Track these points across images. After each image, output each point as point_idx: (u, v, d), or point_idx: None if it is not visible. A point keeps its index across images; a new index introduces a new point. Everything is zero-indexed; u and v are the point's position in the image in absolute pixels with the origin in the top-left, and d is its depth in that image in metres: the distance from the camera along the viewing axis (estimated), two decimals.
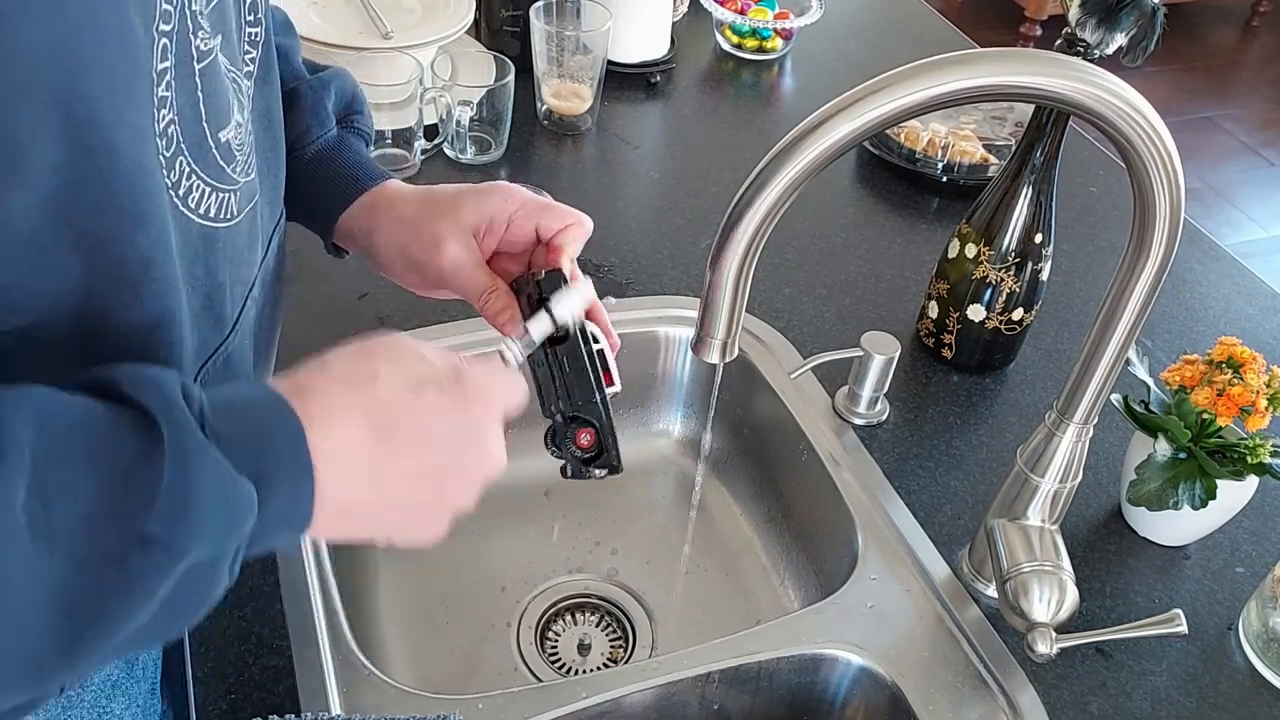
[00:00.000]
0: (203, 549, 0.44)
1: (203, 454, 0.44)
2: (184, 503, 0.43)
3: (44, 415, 0.42)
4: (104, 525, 0.41)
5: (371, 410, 0.51)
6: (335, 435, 0.49)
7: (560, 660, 0.97)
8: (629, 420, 1.12)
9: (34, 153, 0.41)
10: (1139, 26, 0.84)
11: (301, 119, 0.73)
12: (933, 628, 0.85)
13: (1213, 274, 1.22)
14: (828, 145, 0.58)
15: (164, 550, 0.43)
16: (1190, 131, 3.60)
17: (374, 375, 0.52)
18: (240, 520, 0.45)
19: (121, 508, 0.42)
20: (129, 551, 0.42)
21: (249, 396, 0.48)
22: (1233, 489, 0.86)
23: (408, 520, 0.55)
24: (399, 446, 0.51)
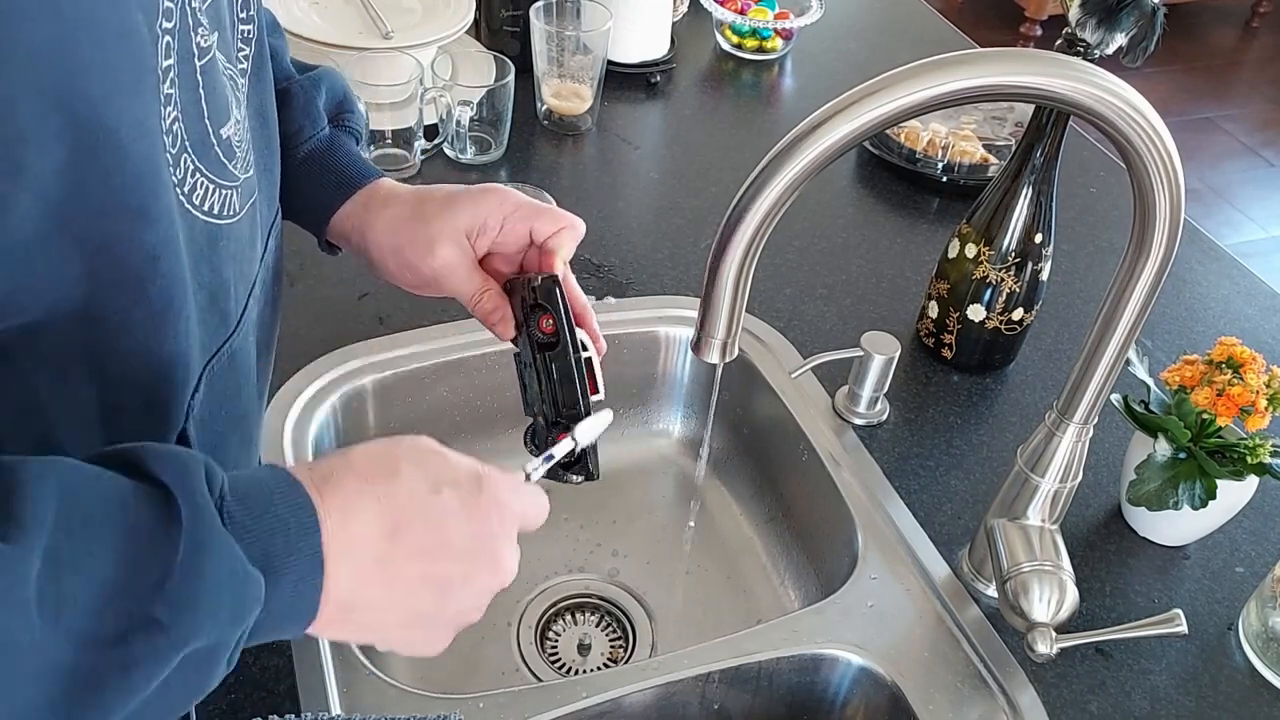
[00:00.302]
0: (205, 637, 0.44)
1: (218, 543, 0.44)
2: (192, 590, 0.43)
3: (66, 487, 0.42)
4: (112, 602, 0.41)
5: (388, 507, 0.50)
6: (349, 530, 0.49)
7: (560, 660, 0.97)
8: (629, 420, 1.12)
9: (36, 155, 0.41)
10: (1139, 26, 0.84)
11: (294, 118, 0.73)
12: (933, 628, 0.85)
13: (1213, 274, 1.22)
14: (828, 145, 0.58)
15: (166, 636, 0.42)
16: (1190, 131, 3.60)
17: (396, 472, 0.51)
18: (245, 612, 0.45)
19: (132, 586, 0.42)
20: (133, 633, 0.42)
21: (269, 484, 0.48)
22: (1233, 489, 0.86)
23: (411, 627, 0.53)
24: (410, 548, 0.51)
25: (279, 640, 0.49)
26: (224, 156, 0.54)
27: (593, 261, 1.13)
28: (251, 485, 0.47)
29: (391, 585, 0.51)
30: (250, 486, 0.47)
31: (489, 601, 0.56)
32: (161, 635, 0.42)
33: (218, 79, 0.53)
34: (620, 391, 1.11)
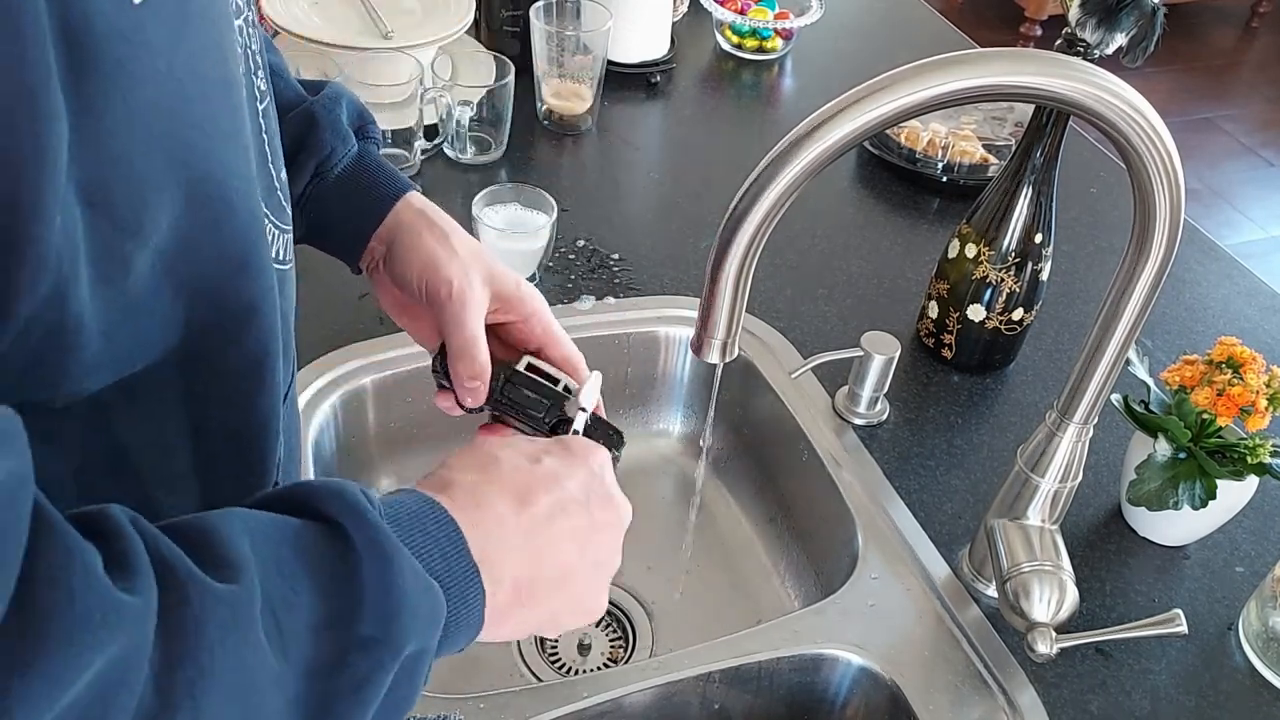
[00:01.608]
0: (414, 642, 0.45)
1: (399, 555, 0.45)
2: (392, 602, 0.44)
3: (253, 531, 0.42)
4: (326, 632, 0.42)
5: (508, 487, 0.53)
6: (485, 518, 0.51)
7: (560, 660, 0.97)
8: (629, 420, 1.12)
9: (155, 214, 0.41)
10: (1139, 26, 0.84)
11: (324, 140, 0.71)
12: (933, 628, 0.85)
13: (1213, 274, 1.22)
14: (828, 146, 0.58)
15: (383, 649, 0.44)
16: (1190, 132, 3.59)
17: (495, 460, 0.54)
18: (439, 615, 0.46)
19: (335, 614, 0.43)
20: (351, 654, 0.43)
21: (412, 506, 0.49)
22: (1233, 489, 0.86)
23: (568, 590, 0.55)
24: (540, 514, 0.53)
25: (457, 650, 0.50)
26: (284, 201, 0.55)
27: (600, 250, 1.13)
28: (398, 509, 0.48)
29: (539, 553, 0.53)
30: (397, 510, 0.48)
31: (621, 544, 0.59)
32: (378, 648, 0.44)
33: (273, 122, 0.53)
34: (620, 391, 1.11)
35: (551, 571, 0.53)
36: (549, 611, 0.54)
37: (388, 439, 1.04)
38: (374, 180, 0.72)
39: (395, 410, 1.01)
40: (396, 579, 0.44)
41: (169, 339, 0.45)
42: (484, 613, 0.49)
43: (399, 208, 0.71)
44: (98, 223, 0.38)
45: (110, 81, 0.37)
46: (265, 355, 0.51)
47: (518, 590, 0.51)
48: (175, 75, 0.40)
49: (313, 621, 0.42)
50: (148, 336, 0.44)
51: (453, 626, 0.48)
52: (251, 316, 0.49)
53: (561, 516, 0.54)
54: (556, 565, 0.53)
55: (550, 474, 0.55)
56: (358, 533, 0.44)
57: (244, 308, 0.48)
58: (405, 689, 0.46)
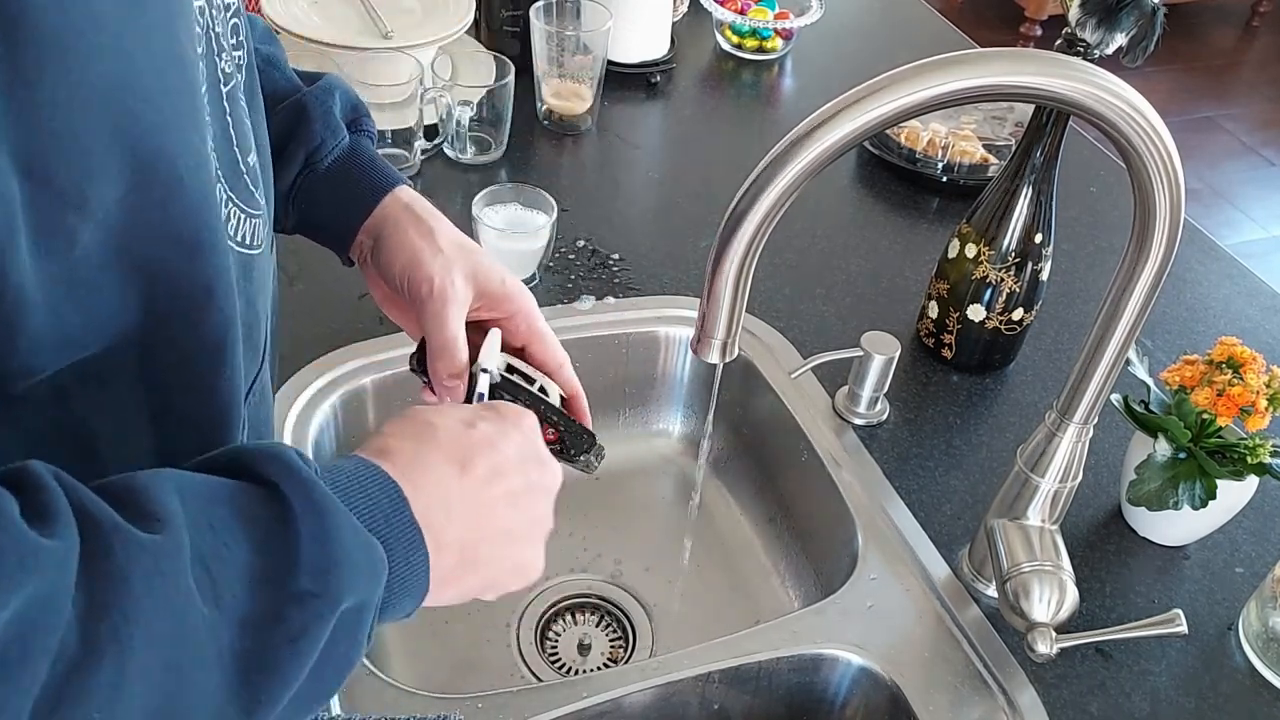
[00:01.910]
0: (353, 595, 0.45)
1: (336, 510, 0.45)
2: (329, 555, 0.44)
3: (184, 489, 0.43)
4: (261, 586, 0.42)
5: (447, 452, 0.53)
6: (426, 482, 0.51)
7: (560, 660, 0.97)
8: (629, 420, 1.12)
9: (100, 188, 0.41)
10: (1139, 26, 0.84)
11: (315, 131, 0.71)
12: (933, 628, 0.85)
13: (1213, 274, 1.22)
14: (828, 146, 0.58)
15: (320, 600, 0.44)
16: (1190, 131, 3.59)
17: (431, 426, 0.55)
18: (379, 570, 0.47)
19: (272, 569, 0.43)
20: (287, 609, 0.43)
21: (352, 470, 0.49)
22: (1233, 489, 0.86)
23: (511, 552, 0.56)
24: (480, 476, 0.54)
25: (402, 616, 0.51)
26: (251, 185, 0.55)
27: (601, 250, 1.13)
28: (337, 472, 0.48)
29: (480, 516, 0.54)
30: (335, 472, 0.48)
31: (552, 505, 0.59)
32: (315, 601, 0.44)
33: (240, 105, 0.53)
34: (620, 391, 1.11)
35: (493, 534, 0.54)
36: (491, 574, 0.55)
37: None
38: (363, 173, 0.72)
39: (395, 410, 1.01)
40: (333, 533, 0.44)
41: (124, 320, 0.45)
42: (429, 575, 0.50)
43: (386, 202, 0.72)
44: (37, 193, 0.38)
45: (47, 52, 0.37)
46: (224, 340, 0.51)
47: (462, 553, 0.52)
48: (125, 49, 0.40)
49: (246, 575, 0.42)
50: (99, 315, 0.44)
51: (398, 586, 0.48)
52: (207, 300, 0.48)
53: (499, 480, 0.55)
54: (497, 528, 0.55)
55: (486, 438, 0.55)
56: (294, 492, 0.44)
57: (199, 290, 0.48)
58: (345, 644, 0.46)
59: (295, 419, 0.94)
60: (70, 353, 0.44)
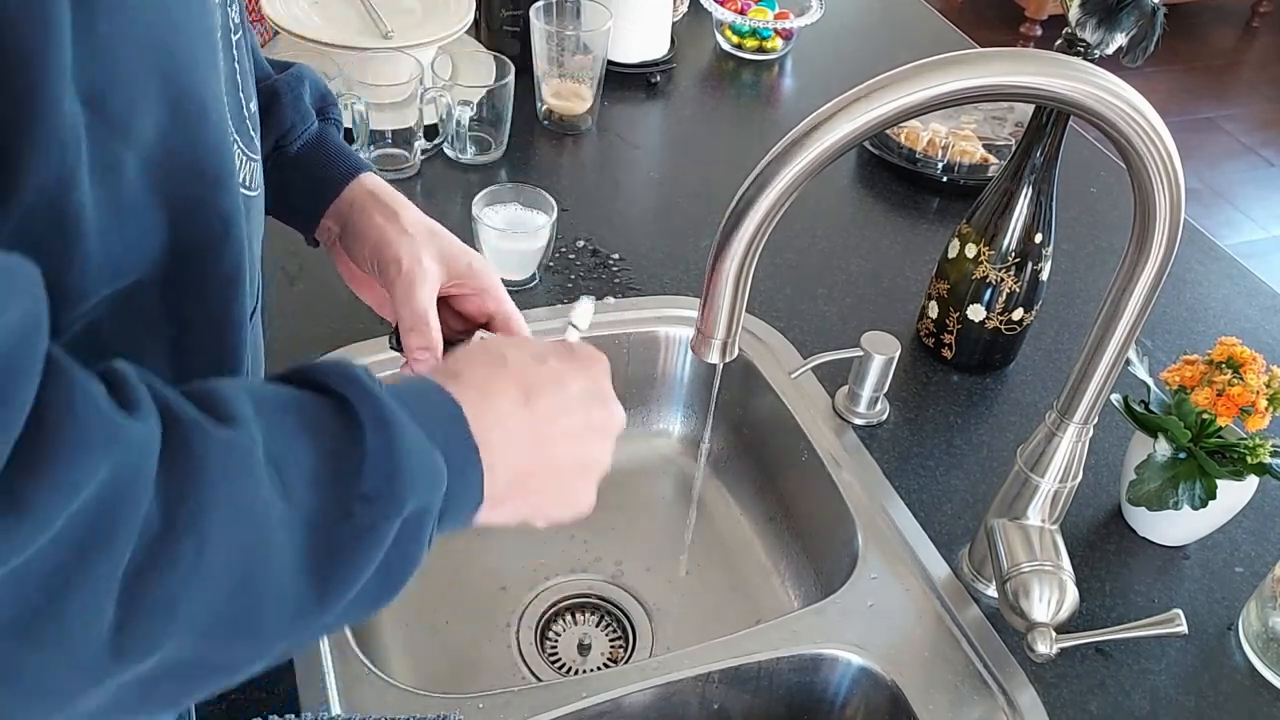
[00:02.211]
0: (417, 499, 0.47)
1: (400, 419, 0.47)
2: (392, 461, 0.46)
3: (255, 396, 0.45)
4: (328, 486, 0.44)
5: (515, 383, 0.56)
6: (491, 407, 0.53)
7: (560, 660, 0.97)
8: (629, 420, 1.12)
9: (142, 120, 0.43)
10: (1139, 26, 0.84)
11: (286, 116, 0.74)
12: (933, 628, 0.85)
13: (1213, 274, 1.22)
14: (828, 145, 0.58)
15: (384, 501, 0.46)
16: (1190, 131, 3.59)
17: (503, 357, 0.57)
18: (439, 478, 0.48)
19: (338, 474, 0.45)
20: (353, 505, 0.45)
21: (412, 386, 0.52)
22: (1233, 489, 0.86)
23: (564, 486, 0.59)
24: (545, 411, 0.56)
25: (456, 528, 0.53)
26: (252, 130, 0.57)
27: (601, 250, 1.13)
28: (403, 389, 0.50)
29: (538, 447, 0.56)
30: (401, 389, 0.50)
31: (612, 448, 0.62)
32: (380, 501, 0.45)
33: (245, 54, 0.56)
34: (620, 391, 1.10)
35: (548, 466, 0.56)
36: (541, 503, 0.58)
37: None
38: (330, 159, 0.76)
39: None
40: (399, 442, 0.46)
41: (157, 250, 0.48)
42: (484, 489, 0.51)
43: (352, 187, 0.75)
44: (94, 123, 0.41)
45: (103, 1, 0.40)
46: (237, 275, 0.53)
47: (516, 477, 0.54)
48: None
49: (313, 476, 0.44)
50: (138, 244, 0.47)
51: (453, 497, 0.50)
52: (225, 233, 0.51)
53: (562, 415, 0.57)
54: (553, 460, 0.57)
55: (554, 374, 0.58)
56: (361, 403, 0.46)
57: (220, 224, 0.50)
58: (409, 546, 0.48)
59: None
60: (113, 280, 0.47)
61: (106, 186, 0.43)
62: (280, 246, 1.07)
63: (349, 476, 0.45)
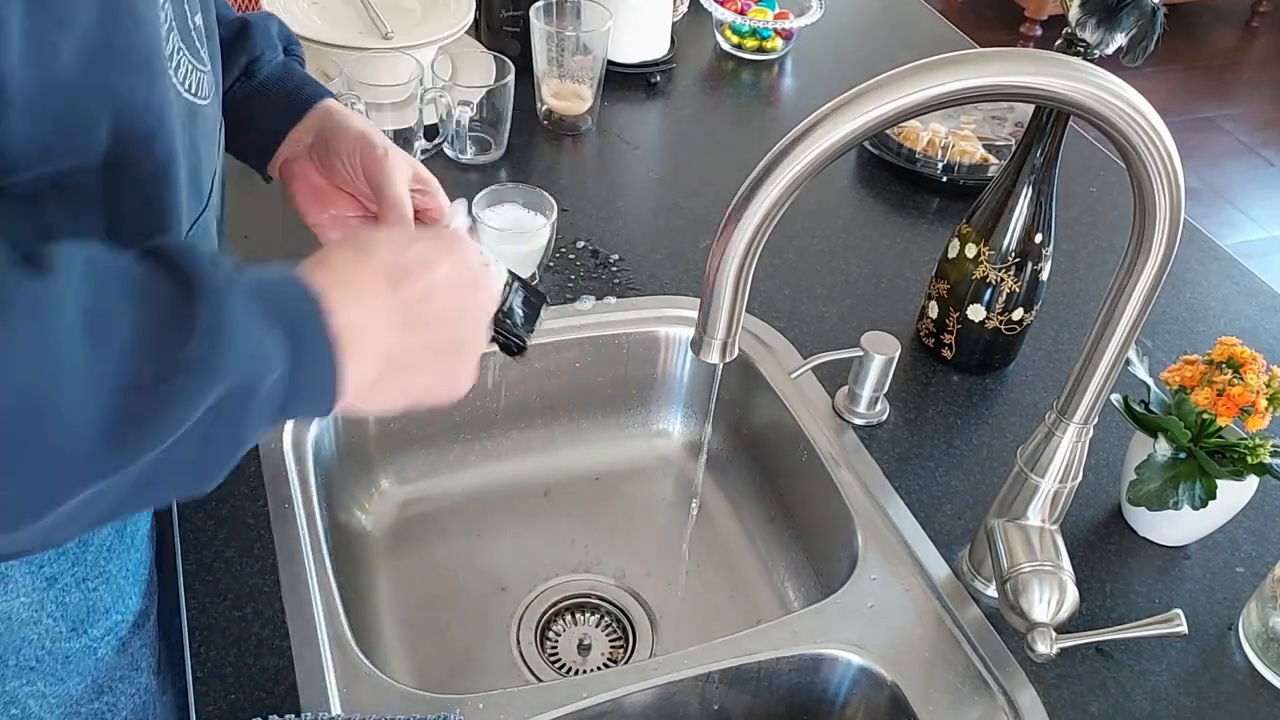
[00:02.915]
0: (238, 372, 0.48)
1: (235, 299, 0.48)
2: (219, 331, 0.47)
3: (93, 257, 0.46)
4: (150, 350, 0.45)
5: (382, 268, 0.57)
6: (357, 293, 0.55)
7: (560, 660, 0.97)
8: (629, 420, 1.13)
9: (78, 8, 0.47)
10: (1139, 26, 0.84)
11: (256, 43, 0.80)
12: (933, 628, 0.85)
13: (1213, 274, 1.22)
14: (828, 145, 0.58)
15: (204, 369, 0.47)
16: (1190, 131, 3.59)
17: (372, 242, 0.59)
18: (271, 360, 0.49)
19: (163, 339, 0.46)
20: (174, 373, 0.46)
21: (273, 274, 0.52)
22: (1233, 489, 0.86)
23: (438, 367, 0.60)
24: (412, 294, 0.57)
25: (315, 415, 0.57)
26: (198, 41, 0.61)
27: (601, 250, 1.13)
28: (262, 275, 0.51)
29: (410, 328, 0.57)
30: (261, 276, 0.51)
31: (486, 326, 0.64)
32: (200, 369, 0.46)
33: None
34: (620, 391, 1.11)
35: (420, 348, 0.58)
36: (418, 386, 0.59)
37: (388, 439, 1.04)
38: (300, 83, 0.81)
39: None
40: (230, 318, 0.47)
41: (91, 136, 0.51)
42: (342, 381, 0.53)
43: (326, 104, 0.81)
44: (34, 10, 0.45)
45: None
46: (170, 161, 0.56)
47: (388, 364, 0.56)
48: None
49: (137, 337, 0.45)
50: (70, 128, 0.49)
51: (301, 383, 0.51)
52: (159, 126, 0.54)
53: (431, 297, 0.58)
54: (425, 343, 0.58)
55: (421, 258, 0.59)
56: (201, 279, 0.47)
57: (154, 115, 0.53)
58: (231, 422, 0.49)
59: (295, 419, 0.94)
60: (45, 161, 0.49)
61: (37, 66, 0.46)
62: (281, 243, 1.07)
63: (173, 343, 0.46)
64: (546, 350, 1.05)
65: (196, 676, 0.75)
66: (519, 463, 1.09)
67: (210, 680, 0.75)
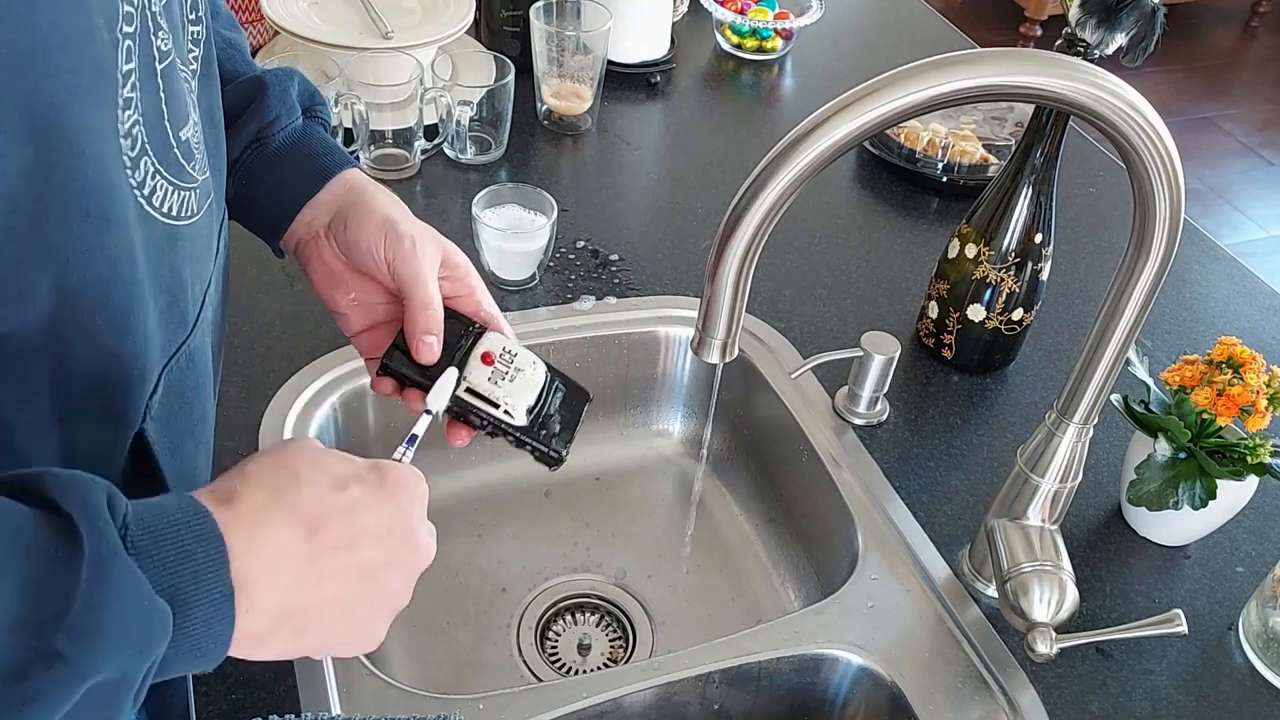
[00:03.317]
0: (110, 669, 0.42)
1: (122, 571, 0.43)
2: (96, 620, 0.41)
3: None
4: (13, 635, 0.40)
5: (298, 512, 0.51)
6: (262, 541, 0.49)
7: (560, 660, 0.97)
8: (629, 420, 1.13)
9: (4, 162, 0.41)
10: (1139, 26, 0.84)
11: (270, 107, 0.72)
12: (933, 628, 0.85)
13: (1213, 274, 1.22)
14: (828, 145, 0.58)
15: (68, 667, 0.41)
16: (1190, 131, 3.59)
17: (296, 478, 0.52)
18: (153, 644, 0.44)
19: (33, 616, 0.40)
20: (32, 666, 0.40)
21: (174, 513, 0.47)
22: (1233, 489, 0.86)
23: (346, 623, 0.53)
24: (329, 544, 0.51)
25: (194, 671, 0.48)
26: (183, 158, 0.55)
27: (601, 250, 1.13)
28: (156, 514, 0.46)
29: (321, 582, 0.51)
30: (155, 515, 0.46)
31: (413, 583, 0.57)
32: (63, 667, 0.41)
33: (177, 82, 0.53)
34: (620, 391, 1.11)
35: (327, 603, 0.52)
36: (318, 640, 0.53)
37: (388, 440, 1.04)
38: (319, 151, 0.73)
39: (395, 410, 1.01)
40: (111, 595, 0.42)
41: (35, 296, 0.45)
42: (231, 636, 0.47)
43: (347, 175, 0.72)
44: None
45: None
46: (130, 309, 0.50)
47: (283, 618, 0.50)
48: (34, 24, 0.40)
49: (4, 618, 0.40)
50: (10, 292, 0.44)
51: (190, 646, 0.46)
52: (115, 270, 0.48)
53: (351, 550, 0.52)
54: (335, 598, 0.52)
55: (350, 505, 0.53)
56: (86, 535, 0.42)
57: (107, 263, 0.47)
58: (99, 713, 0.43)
59: (295, 419, 0.94)
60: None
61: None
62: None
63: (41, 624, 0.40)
64: (547, 350, 1.05)
65: (196, 676, 0.75)
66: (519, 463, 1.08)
67: (210, 680, 0.75)
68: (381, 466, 0.56)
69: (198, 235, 0.58)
